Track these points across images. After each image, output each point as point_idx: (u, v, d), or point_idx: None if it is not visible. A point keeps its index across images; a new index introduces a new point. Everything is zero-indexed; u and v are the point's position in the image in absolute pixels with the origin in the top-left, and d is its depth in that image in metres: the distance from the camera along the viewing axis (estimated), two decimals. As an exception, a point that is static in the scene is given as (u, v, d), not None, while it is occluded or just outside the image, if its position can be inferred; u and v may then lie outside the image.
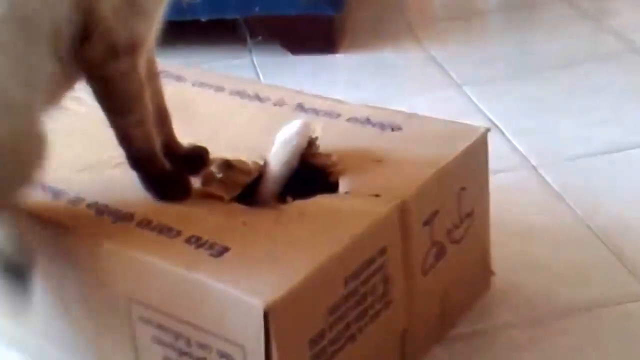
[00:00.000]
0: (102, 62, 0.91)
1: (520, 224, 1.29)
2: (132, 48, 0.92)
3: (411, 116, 1.14)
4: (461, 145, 1.06)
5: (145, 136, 0.98)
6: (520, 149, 1.52)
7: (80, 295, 1.01)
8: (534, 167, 1.46)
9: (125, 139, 0.98)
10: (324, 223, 0.94)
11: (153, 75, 1.03)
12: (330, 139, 1.09)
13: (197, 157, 1.07)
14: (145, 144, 0.98)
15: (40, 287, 1.05)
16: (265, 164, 1.05)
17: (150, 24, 0.93)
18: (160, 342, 0.93)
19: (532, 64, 1.91)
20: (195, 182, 1.03)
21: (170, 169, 1.02)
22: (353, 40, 2.13)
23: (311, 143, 1.06)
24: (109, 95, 0.94)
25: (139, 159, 1.00)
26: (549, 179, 1.42)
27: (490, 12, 2.37)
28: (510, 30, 2.22)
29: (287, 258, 0.89)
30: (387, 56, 2.06)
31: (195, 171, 1.05)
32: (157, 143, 1.00)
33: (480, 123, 1.17)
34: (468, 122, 1.13)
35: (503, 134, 1.54)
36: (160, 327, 0.92)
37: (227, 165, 1.04)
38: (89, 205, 1.01)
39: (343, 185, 1.00)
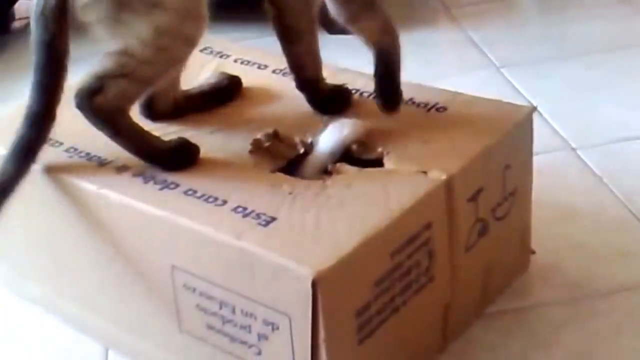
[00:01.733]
0: None
1: (559, 205, 1.29)
2: None
3: (456, 95, 1.14)
4: (507, 124, 1.06)
5: (313, 63, 1.14)
6: (560, 131, 1.52)
7: (123, 261, 1.02)
8: (573, 150, 1.46)
9: (294, 64, 1.14)
10: (371, 196, 0.94)
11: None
12: (374, 119, 1.09)
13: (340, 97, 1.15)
14: (312, 71, 1.14)
15: (80, 252, 1.07)
16: (312, 144, 1.05)
17: None
18: (203, 309, 0.95)
19: (571, 46, 1.89)
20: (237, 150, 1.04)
21: (329, 88, 1.15)
22: (389, 20, 2.11)
23: (361, 144, 1.05)
24: (283, 26, 1.10)
25: (307, 82, 1.14)
26: (588, 161, 1.42)
27: (525, -6, 2.36)
28: (547, 13, 2.20)
29: (334, 229, 0.89)
30: (423, 36, 2.05)
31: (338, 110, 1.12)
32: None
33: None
34: (509, 103, 1.13)
35: (542, 116, 1.54)
36: (204, 294, 0.94)
37: (275, 135, 1.04)
38: (135, 174, 1.02)
39: (389, 161, 1.01)
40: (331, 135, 1.05)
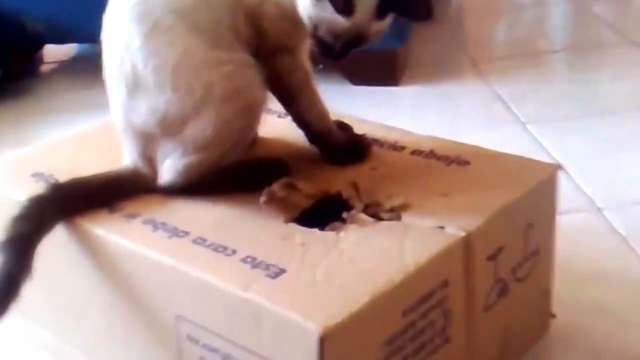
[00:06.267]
0: (269, 57, 1.06)
1: (583, 266, 1.25)
2: (289, 49, 1.08)
3: (479, 149, 1.12)
4: (531, 181, 1.03)
5: (319, 117, 1.11)
6: (586, 190, 1.48)
7: (130, 309, 1.00)
8: (599, 210, 1.42)
9: (300, 121, 1.12)
10: (385, 251, 0.91)
11: None
12: (393, 170, 1.07)
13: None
14: (320, 123, 1.11)
15: (88, 298, 1.05)
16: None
17: (302, 31, 1.06)
18: (208, 362, 0.91)
19: (599, 104, 1.87)
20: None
21: (345, 139, 1.13)
22: (415, 73, 2.11)
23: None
24: (278, 87, 1.09)
25: (316, 136, 1.12)
26: (614, 222, 1.38)
27: (554, 52, 2.34)
28: (575, 70, 2.19)
29: (345, 284, 0.86)
30: (449, 90, 2.04)
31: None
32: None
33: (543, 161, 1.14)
34: (534, 160, 1.10)
35: (568, 174, 1.50)
36: (208, 347, 0.91)
37: (290, 186, 1.02)
38: (145, 222, 1.00)
39: (406, 214, 0.98)
40: None
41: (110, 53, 1.05)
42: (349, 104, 1.87)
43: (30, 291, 1.10)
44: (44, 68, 2.39)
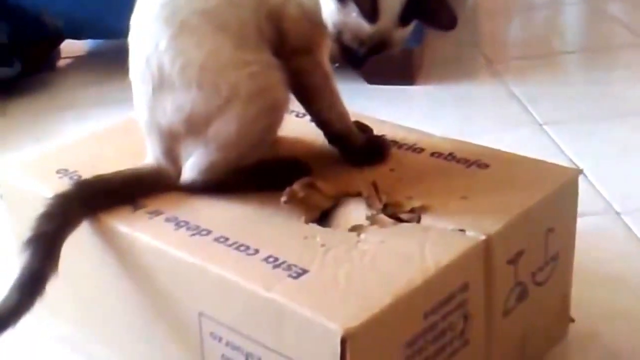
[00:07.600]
0: (289, 57, 1.06)
1: (601, 271, 1.25)
2: (309, 50, 1.08)
3: (499, 152, 1.12)
4: (551, 186, 1.03)
5: (338, 117, 1.11)
6: (604, 193, 1.48)
7: (152, 305, 1.01)
8: (617, 214, 1.42)
9: (319, 121, 1.12)
10: (406, 253, 0.92)
11: None
12: (413, 173, 1.08)
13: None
14: (339, 124, 1.11)
15: (110, 293, 1.06)
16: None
17: (322, 32, 1.06)
18: (229, 360, 0.92)
19: (616, 106, 1.86)
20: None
21: (364, 140, 1.13)
22: (430, 72, 2.11)
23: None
24: (298, 87, 1.09)
25: (335, 136, 1.12)
26: (633, 226, 1.38)
27: (570, 53, 2.33)
28: (592, 71, 2.18)
29: (366, 285, 0.87)
30: (465, 89, 2.03)
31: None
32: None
33: (562, 164, 1.14)
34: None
35: (586, 177, 1.50)
36: (230, 344, 0.91)
37: (311, 186, 1.02)
38: (168, 219, 1.01)
39: (426, 217, 0.98)
40: None
41: (136, 53, 1.06)
42: (364, 102, 1.86)
43: (54, 286, 1.12)
44: (61, 63, 2.40)
